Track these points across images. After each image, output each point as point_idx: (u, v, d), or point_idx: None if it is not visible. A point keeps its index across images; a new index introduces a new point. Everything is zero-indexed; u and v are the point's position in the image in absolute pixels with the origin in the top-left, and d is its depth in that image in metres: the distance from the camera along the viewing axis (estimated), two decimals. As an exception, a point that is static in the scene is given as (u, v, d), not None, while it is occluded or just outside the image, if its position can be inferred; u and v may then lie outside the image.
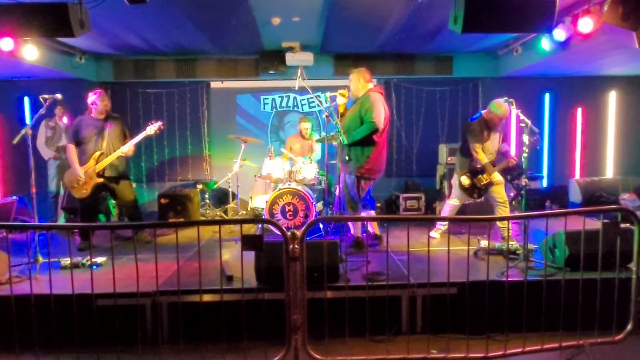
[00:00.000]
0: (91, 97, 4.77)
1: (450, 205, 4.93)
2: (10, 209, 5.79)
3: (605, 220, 3.09)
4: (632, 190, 6.91)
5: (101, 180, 4.75)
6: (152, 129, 4.82)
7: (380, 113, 4.15)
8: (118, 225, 5.60)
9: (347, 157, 4.30)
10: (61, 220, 6.13)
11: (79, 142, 4.75)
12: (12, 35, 4.34)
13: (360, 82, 4.37)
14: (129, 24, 5.46)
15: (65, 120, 6.38)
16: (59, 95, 4.27)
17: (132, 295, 3.03)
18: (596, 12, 4.37)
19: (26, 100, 6.99)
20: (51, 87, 5.27)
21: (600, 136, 7.82)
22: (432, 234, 4.93)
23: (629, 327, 2.95)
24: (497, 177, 4.66)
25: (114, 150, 4.75)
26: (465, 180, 4.67)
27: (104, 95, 4.83)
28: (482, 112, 4.74)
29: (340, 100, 4.35)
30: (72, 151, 4.74)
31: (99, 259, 4.12)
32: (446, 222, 5.05)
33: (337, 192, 4.58)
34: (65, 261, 3.90)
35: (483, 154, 4.61)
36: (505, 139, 4.86)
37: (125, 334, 2.95)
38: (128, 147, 4.74)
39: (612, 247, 3.02)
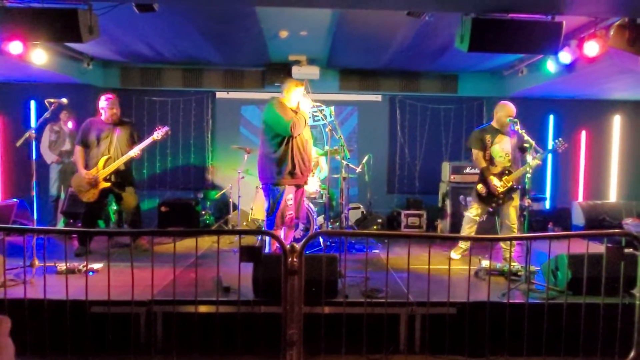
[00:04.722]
0: (102, 102, 4.77)
1: (469, 217, 4.72)
2: (9, 212, 5.78)
3: (609, 245, 3.05)
4: (635, 215, 6.85)
5: (108, 184, 4.75)
6: (159, 134, 4.82)
7: None
8: (116, 231, 5.57)
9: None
10: (60, 225, 6.11)
11: (87, 146, 4.76)
12: (21, 39, 4.38)
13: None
14: (137, 32, 5.51)
15: (70, 125, 6.40)
16: (64, 100, 4.28)
17: (126, 303, 2.98)
18: (602, 37, 4.38)
19: (32, 103, 7.03)
20: (58, 91, 5.29)
21: (604, 160, 7.79)
22: (452, 254, 4.75)
23: (632, 354, 2.88)
24: (515, 200, 4.54)
25: (121, 155, 4.75)
26: (482, 189, 4.58)
27: (114, 102, 4.82)
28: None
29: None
30: (80, 154, 4.75)
31: (96, 265, 4.08)
32: (467, 242, 4.73)
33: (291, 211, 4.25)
34: (62, 266, 3.86)
35: (482, 159, 4.57)
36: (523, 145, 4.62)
37: (118, 343, 2.90)
38: (135, 151, 4.73)
39: (615, 272, 2.98)
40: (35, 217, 4.26)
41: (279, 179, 4.02)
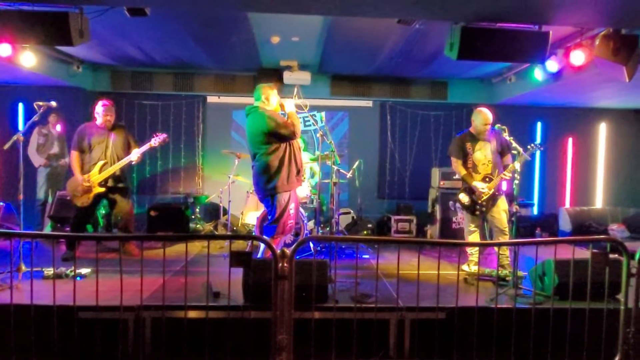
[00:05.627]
0: (98, 108, 4.77)
1: (467, 229, 4.67)
2: (-4, 216, 5.70)
3: (595, 250, 3.10)
4: (620, 221, 6.97)
5: (103, 189, 4.71)
6: (156, 140, 4.83)
7: None
8: (104, 236, 5.52)
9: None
10: (47, 229, 6.03)
11: (82, 150, 4.74)
12: (10, 42, 4.34)
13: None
14: (128, 35, 5.49)
15: (58, 127, 6.34)
16: (53, 103, 4.25)
17: (115, 308, 2.96)
18: (588, 46, 4.48)
19: (20, 106, 6.95)
20: (47, 94, 5.25)
21: (590, 166, 7.93)
22: (464, 267, 4.61)
23: (617, 358, 2.93)
24: (502, 204, 4.52)
25: (117, 159, 4.74)
26: (464, 198, 4.57)
27: (110, 109, 4.81)
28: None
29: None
30: (76, 158, 4.72)
31: (84, 270, 4.04)
32: (476, 252, 4.59)
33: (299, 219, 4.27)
34: (49, 271, 3.82)
35: (462, 167, 4.57)
36: (505, 151, 4.60)
37: (106, 349, 2.87)
38: (135, 156, 4.74)
39: (600, 277, 3.03)
40: (21, 221, 4.19)
41: (288, 184, 3.96)
